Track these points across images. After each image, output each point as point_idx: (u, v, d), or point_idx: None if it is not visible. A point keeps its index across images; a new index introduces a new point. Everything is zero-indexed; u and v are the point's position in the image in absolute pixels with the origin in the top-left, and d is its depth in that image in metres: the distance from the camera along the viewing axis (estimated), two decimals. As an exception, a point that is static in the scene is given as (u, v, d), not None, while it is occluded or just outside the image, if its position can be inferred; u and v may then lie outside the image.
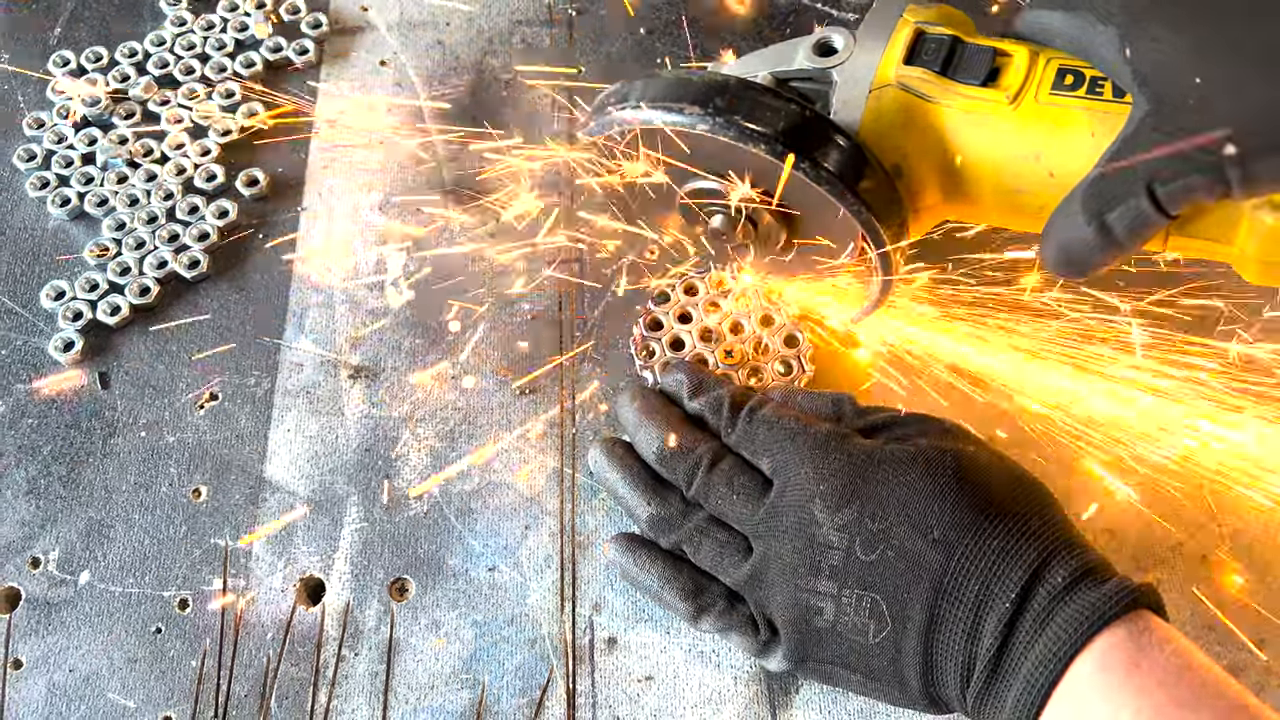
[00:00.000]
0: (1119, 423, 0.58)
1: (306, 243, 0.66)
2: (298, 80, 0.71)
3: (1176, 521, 0.57)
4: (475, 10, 0.73)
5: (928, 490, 0.47)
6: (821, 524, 0.48)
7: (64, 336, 0.62)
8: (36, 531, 0.58)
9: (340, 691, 0.54)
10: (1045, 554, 0.45)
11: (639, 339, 0.61)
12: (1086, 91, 0.49)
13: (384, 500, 0.58)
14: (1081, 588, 0.44)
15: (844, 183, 0.50)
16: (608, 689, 0.54)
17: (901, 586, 0.46)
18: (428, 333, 0.63)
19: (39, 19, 0.73)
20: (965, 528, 0.46)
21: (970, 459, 0.49)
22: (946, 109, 0.51)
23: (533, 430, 0.60)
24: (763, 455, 0.52)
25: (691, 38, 0.71)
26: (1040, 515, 0.47)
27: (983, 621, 0.45)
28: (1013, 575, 0.45)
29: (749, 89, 0.51)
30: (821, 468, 0.49)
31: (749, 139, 0.49)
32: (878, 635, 0.47)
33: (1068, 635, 0.43)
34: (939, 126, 0.51)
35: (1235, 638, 0.54)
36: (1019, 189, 0.51)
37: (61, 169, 0.67)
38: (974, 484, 0.47)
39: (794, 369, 0.60)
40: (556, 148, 0.66)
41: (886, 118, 0.51)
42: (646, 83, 0.52)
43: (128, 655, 0.55)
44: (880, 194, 0.51)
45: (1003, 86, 0.50)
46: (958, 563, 0.45)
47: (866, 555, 0.47)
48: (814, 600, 0.48)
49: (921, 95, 0.51)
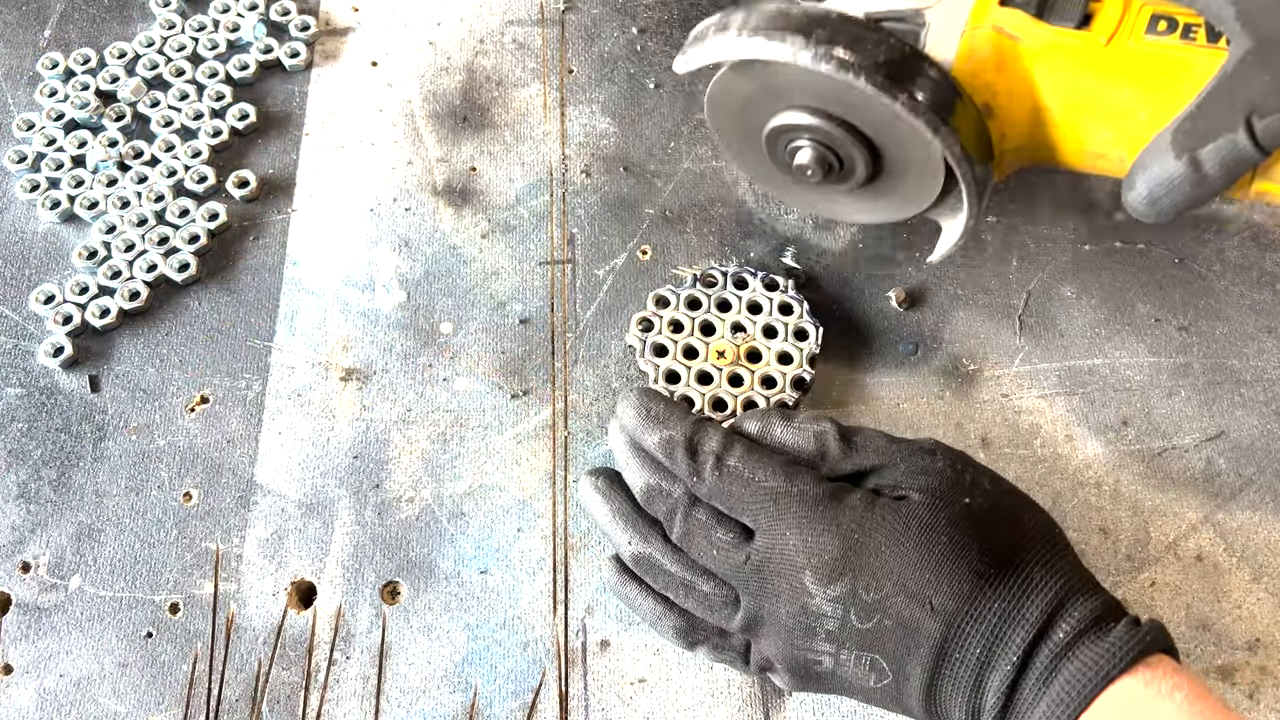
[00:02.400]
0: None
1: (298, 245, 0.65)
2: (289, 81, 0.71)
3: (1170, 519, 0.57)
4: (466, 10, 0.73)
5: (922, 558, 0.45)
6: (814, 595, 0.46)
7: (54, 340, 0.62)
8: (26, 536, 0.58)
9: (332, 695, 0.54)
10: (1048, 609, 0.43)
11: (639, 319, 0.61)
12: (1180, 37, 0.50)
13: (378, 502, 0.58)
14: (1086, 642, 0.42)
15: (940, 117, 0.50)
16: (600, 692, 0.54)
17: (900, 651, 0.45)
18: (419, 335, 0.63)
19: (28, 20, 0.72)
20: (964, 595, 0.44)
21: (965, 514, 0.46)
22: (1039, 51, 0.52)
23: (525, 432, 0.60)
24: (742, 513, 0.48)
25: (683, 36, 0.71)
26: (1043, 563, 0.45)
27: (985, 682, 0.43)
28: (1015, 636, 0.43)
29: (849, 21, 0.51)
30: (810, 540, 0.46)
31: (848, 69, 0.50)
32: (879, 682, 0.46)
33: (1073, 694, 0.41)
34: (1031, 68, 0.52)
35: (1229, 638, 0.54)
36: (1107, 132, 0.52)
37: (51, 171, 0.66)
38: (970, 544, 0.45)
39: (779, 384, 0.59)
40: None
41: (979, 58, 0.52)
42: (748, 13, 0.52)
43: (118, 660, 0.55)
44: (973, 131, 0.52)
45: (1096, 30, 0.51)
46: (958, 629, 0.44)
47: (863, 624, 0.45)
48: (811, 655, 0.47)
49: (1015, 37, 0.52)
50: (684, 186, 0.67)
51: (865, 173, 0.56)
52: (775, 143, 0.57)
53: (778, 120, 0.55)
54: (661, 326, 0.61)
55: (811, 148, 0.55)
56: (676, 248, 0.64)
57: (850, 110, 0.53)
